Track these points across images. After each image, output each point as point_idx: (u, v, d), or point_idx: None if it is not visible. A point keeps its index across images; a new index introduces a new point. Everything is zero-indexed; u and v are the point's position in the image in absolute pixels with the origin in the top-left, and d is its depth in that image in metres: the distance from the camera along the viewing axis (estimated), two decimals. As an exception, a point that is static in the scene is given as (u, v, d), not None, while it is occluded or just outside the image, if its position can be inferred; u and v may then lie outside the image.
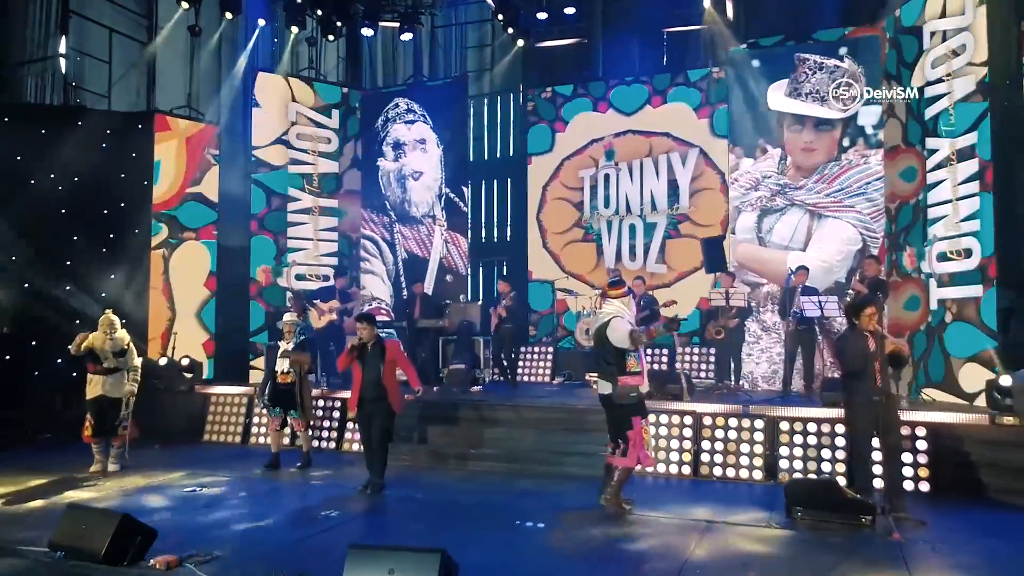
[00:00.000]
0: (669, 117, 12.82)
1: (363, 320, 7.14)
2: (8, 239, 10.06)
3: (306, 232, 13.08)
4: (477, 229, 14.85)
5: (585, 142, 13.39)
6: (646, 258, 13.09)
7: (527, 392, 10.37)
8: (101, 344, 7.75)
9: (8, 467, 7.92)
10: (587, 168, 13.33)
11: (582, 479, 7.30)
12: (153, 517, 5.85)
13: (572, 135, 13.52)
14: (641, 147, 13.03)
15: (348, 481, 7.26)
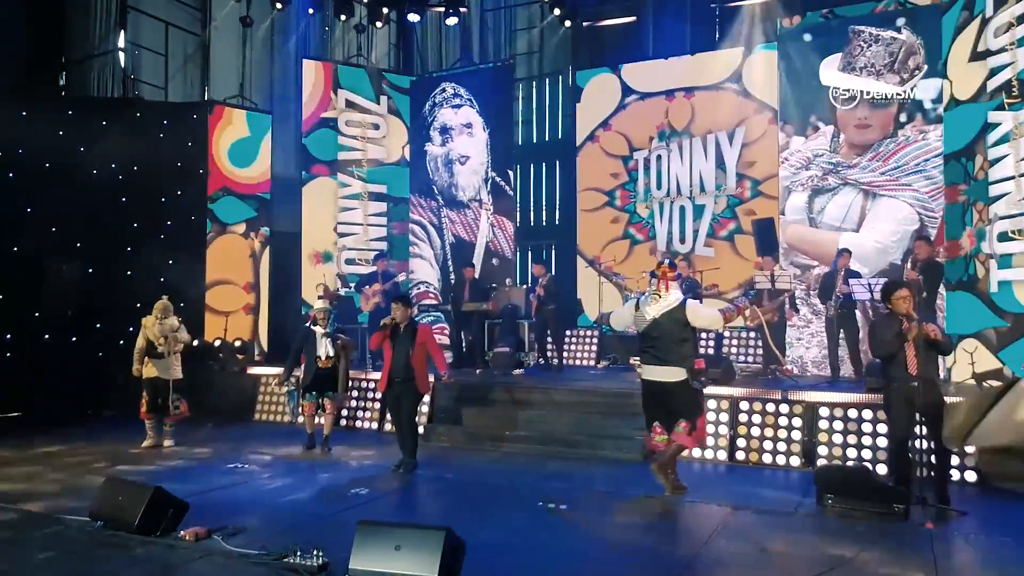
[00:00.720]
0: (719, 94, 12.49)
1: (397, 300, 7.25)
2: (73, 226, 10.59)
3: (355, 217, 13.33)
4: (525, 212, 14.85)
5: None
6: (695, 241, 12.87)
7: (570, 375, 10.36)
8: (152, 330, 8.09)
9: (70, 441, 8.39)
10: (641, 149, 13.13)
11: (613, 463, 7.30)
12: (192, 490, 6.12)
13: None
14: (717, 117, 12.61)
15: (383, 460, 7.41)
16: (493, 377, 9.98)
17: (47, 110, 10.69)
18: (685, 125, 12.79)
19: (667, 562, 4.56)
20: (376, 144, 13.56)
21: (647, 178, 13.07)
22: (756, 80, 12.07)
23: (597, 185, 13.50)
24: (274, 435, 8.82)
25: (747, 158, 12.23)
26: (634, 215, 13.22)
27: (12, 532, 5.05)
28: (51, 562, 4.49)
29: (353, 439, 8.76)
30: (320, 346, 7.92)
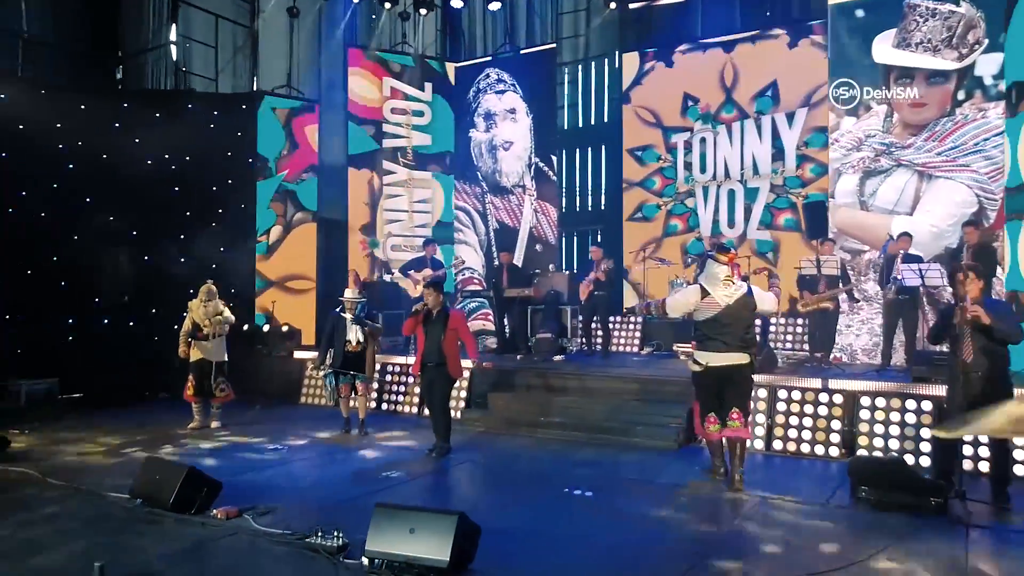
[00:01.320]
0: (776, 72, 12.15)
1: (429, 286, 7.32)
2: (129, 215, 11.00)
3: (401, 204, 13.48)
4: (571, 197, 14.76)
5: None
6: (746, 226, 12.59)
7: (612, 362, 10.28)
8: (198, 312, 8.36)
9: (124, 422, 8.77)
10: (681, 133, 12.91)
11: (645, 450, 7.25)
12: (231, 470, 6.35)
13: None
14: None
15: (418, 444, 7.53)
16: (532, 363, 10.00)
17: (104, 103, 11.08)
18: (735, 105, 12.49)
19: (683, 551, 4.52)
20: (421, 131, 13.66)
21: (688, 161, 12.83)
22: (804, 61, 11.69)
23: (634, 172, 13.31)
24: (316, 418, 9.03)
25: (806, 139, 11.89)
26: (673, 202, 12.99)
27: (59, 507, 5.32)
28: (89, 536, 4.71)
29: (391, 423, 8.92)
30: (349, 331, 8.06)
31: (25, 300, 10.12)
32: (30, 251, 10.22)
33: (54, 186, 10.48)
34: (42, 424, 8.56)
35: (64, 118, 10.57)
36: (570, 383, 8.76)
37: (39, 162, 10.28)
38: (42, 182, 10.36)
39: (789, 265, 11.58)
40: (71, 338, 10.58)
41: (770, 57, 12.15)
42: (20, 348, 10.12)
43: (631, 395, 8.31)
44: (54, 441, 7.72)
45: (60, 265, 10.49)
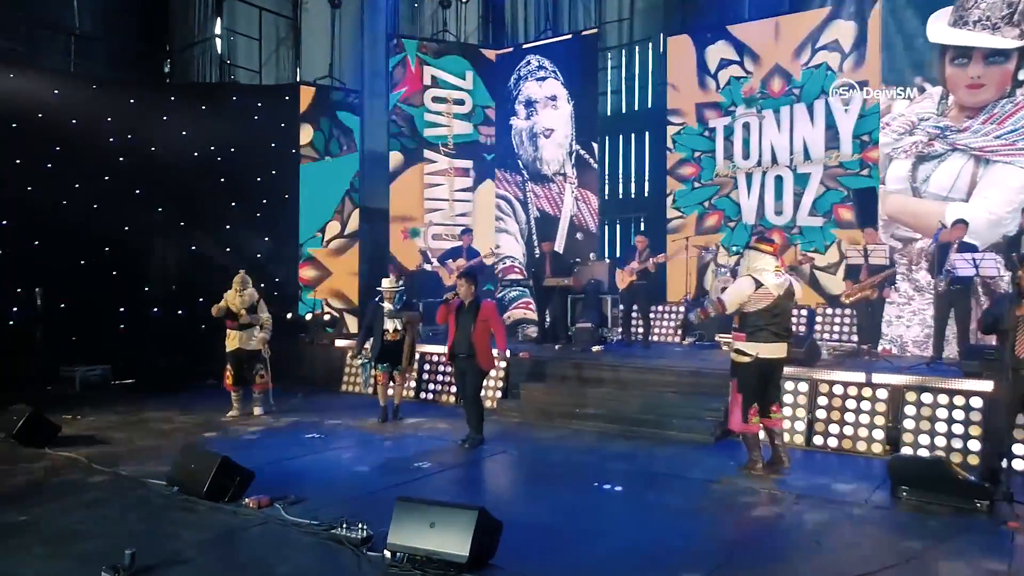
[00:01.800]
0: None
1: (462, 276, 7.33)
2: (176, 206, 11.28)
3: (442, 193, 13.51)
4: (612, 185, 14.60)
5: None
6: (796, 212, 12.26)
7: (651, 353, 10.14)
8: (232, 299, 8.52)
9: (171, 408, 9.01)
10: (721, 118, 12.61)
11: (680, 444, 7.14)
12: (267, 459, 6.47)
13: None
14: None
15: (452, 434, 7.56)
16: (570, 353, 9.93)
17: (152, 97, 11.39)
18: (784, 88, 12.14)
19: (710, 550, 4.43)
20: (462, 120, 13.64)
21: (729, 147, 12.54)
22: (855, 40, 11.26)
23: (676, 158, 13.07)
24: (354, 406, 9.13)
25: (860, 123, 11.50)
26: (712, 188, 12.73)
27: (100, 493, 5.49)
28: (126, 522, 4.85)
29: (428, 411, 8.97)
30: (387, 321, 8.12)
31: (79, 290, 10.49)
32: (83, 242, 10.59)
33: (105, 179, 10.82)
34: (94, 410, 8.85)
35: (114, 112, 10.89)
36: (607, 374, 8.68)
37: (91, 156, 10.63)
38: (94, 175, 10.70)
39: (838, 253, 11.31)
40: (122, 326, 10.93)
41: (819, 36, 11.75)
42: (75, 336, 10.50)
43: (668, 387, 8.19)
44: (103, 427, 7.98)
45: (111, 255, 10.86)
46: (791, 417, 7.22)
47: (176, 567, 4.12)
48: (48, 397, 9.59)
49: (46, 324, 9.54)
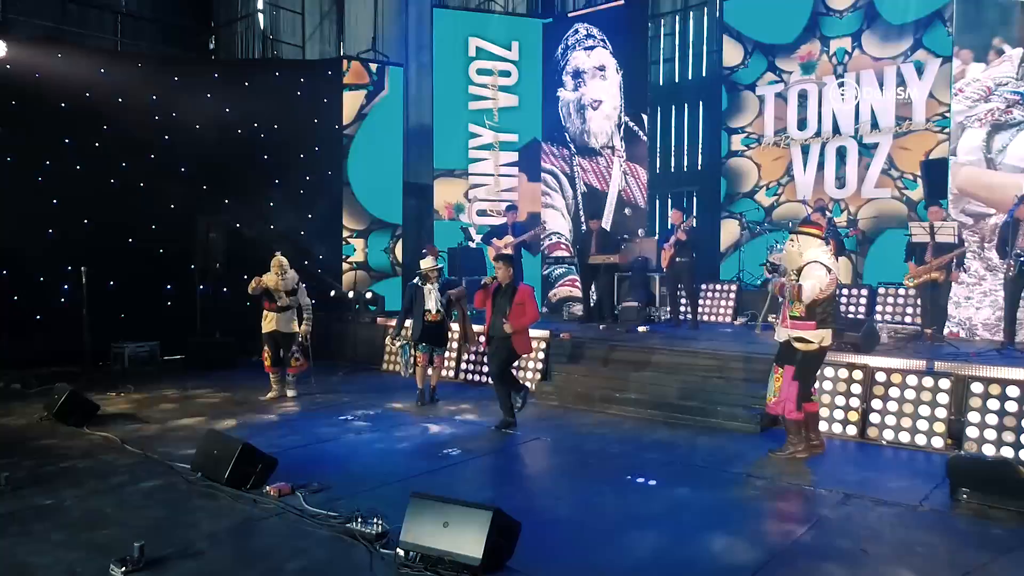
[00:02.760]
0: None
1: (500, 259, 7.14)
2: (220, 184, 11.30)
3: (487, 168, 13.24)
4: (663, 158, 14.09)
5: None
6: (860, 186, 11.64)
7: (700, 334, 9.74)
8: (274, 284, 8.44)
9: (213, 386, 9.10)
10: (772, 84, 11.98)
11: (724, 433, 6.80)
12: (296, 442, 6.42)
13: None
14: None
15: (487, 418, 7.39)
16: (614, 334, 9.62)
17: (196, 74, 11.37)
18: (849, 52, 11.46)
19: (743, 558, 4.12)
20: (507, 92, 13.30)
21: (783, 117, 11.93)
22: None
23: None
24: (392, 387, 9.02)
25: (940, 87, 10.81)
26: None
27: (127, 476, 5.49)
28: (146, 509, 4.82)
29: (465, 393, 8.82)
30: (429, 300, 7.96)
31: (127, 268, 10.63)
32: (131, 220, 10.70)
33: (151, 157, 10.88)
34: (138, 386, 8.97)
35: (159, 90, 10.93)
36: (649, 357, 8.34)
37: (137, 134, 10.69)
38: (140, 154, 10.78)
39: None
40: (169, 303, 11.06)
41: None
42: (124, 313, 10.66)
43: (713, 372, 7.81)
44: (144, 404, 8.07)
45: (158, 233, 10.95)
46: (844, 407, 6.80)
47: (186, 560, 4.03)
48: (98, 373, 9.81)
49: (94, 302, 9.67)
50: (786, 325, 5.80)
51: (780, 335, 5.88)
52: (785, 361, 5.84)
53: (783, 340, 5.85)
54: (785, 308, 5.83)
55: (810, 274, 5.67)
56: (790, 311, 5.78)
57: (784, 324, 5.81)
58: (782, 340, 5.86)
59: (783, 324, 5.82)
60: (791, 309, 5.77)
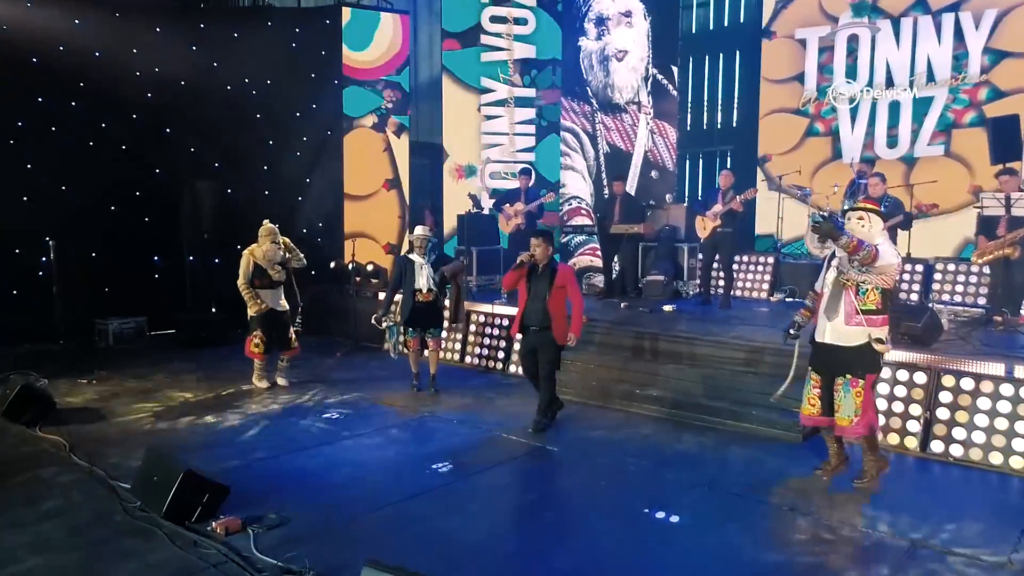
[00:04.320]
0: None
1: (539, 236, 6.17)
2: (210, 145, 10.41)
3: (500, 126, 12.17)
4: (695, 115, 12.87)
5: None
6: (913, 146, 10.45)
7: (735, 315, 8.74)
8: (263, 259, 7.57)
9: (197, 369, 8.39)
10: (816, 26, 10.69)
11: (761, 441, 5.87)
12: (268, 451, 5.63)
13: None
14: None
15: (490, 416, 6.56)
16: (637, 315, 8.65)
17: (180, 25, 10.36)
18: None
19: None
20: (523, 41, 12.13)
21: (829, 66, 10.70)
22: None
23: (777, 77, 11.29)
24: (390, 373, 8.15)
25: (1003, 35, 9.52)
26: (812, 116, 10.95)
27: (61, 501, 4.72)
28: (65, 548, 4.04)
29: (470, 381, 8.01)
30: (419, 278, 7.06)
31: (110, 237, 9.85)
32: (113, 186, 9.88)
33: (133, 116, 10.00)
34: (115, 370, 8.26)
35: (140, 43, 9.97)
36: (674, 347, 7.38)
37: (117, 92, 9.78)
38: (121, 112, 9.90)
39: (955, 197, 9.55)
40: (156, 276, 10.30)
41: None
42: (108, 287, 9.93)
43: (748, 365, 6.84)
44: (113, 394, 7.34)
45: (143, 199, 10.14)
46: (903, 415, 5.81)
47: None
48: (76, 353, 9.11)
49: (74, 276, 8.93)
50: (857, 322, 4.69)
51: (844, 335, 4.75)
52: (864, 369, 4.77)
53: (853, 343, 4.72)
54: (850, 300, 4.73)
55: (886, 251, 4.66)
56: (861, 304, 4.72)
57: (852, 321, 4.71)
58: (851, 343, 4.73)
59: (851, 321, 4.71)
60: (862, 301, 4.72)
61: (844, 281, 4.74)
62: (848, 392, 4.78)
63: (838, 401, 4.82)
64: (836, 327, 4.78)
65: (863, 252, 4.50)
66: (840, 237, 4.52)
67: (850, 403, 4.77)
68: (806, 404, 5.00)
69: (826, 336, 4.84)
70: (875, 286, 4.70)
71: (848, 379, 4.78)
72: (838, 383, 4.82)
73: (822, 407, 4.92)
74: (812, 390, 4.97)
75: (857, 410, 4.77)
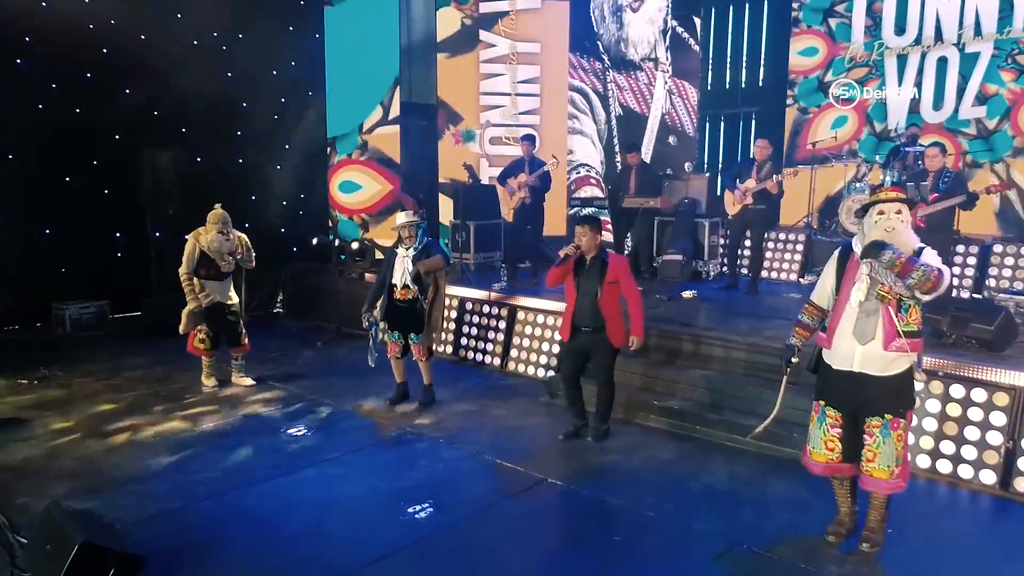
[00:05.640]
0: None
1: (584, 223, 5.26)
2: (175, 108, 9.33)
3: (501, 85, 11.00)
4: (717, 73, 11.63)
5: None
6: (958, 105, 9.36)
7: (763, 304, 7.73)
8: (210, 246, 6.57)
9: (155, 363, 7.51)
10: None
11: (800, 473, 4.85)
12: (206, 489, 4.67)
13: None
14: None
15: (485, 431, 5.62)
16: (654, 304, 7.59)
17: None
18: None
19: None
20: (527, -9, 10.92)
21: (871, 20, 9.51)
22: None
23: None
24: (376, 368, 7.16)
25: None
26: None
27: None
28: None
29: (466, 379, 7.12)
30: (398, 271, 6.04)
31: (66, 212, 8.85)
32: (67, 154, 8.83)
33: (87, 75, 8.90)
34: (66, 366, 7.35)
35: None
36: (697, 347, 6.36)
37: (68, 48, 8.67)
38: (73, 72, 8.82)
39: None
40: (119, 254, 9.31)
41: None
42: (65, 267, 8.96)
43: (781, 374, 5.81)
44: (53, 399, 6.41)
45: (101, 170, 9.10)
46: (978, 443, 4.82)
47: None
48: (27, 344, 8.22)
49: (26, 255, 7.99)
50: (899, 347, 3.63)
51: (880, 363, 3.66)
52: (906, 404, 3.77)
53: (892, 372, 3.67)
54: (890, 319, 3.63)
55: (934, 258, 3.61)
56: (903, 324, 3.66)
57: (893, 346, 3.62)
58: (889, 372, 3.67)
59: (891, 346, 3.62)
60: (904, 321, 3.65)
61: (883, 295, 3.65)
62: (888, 436, 3.73)
63: (872, 447, 3.75)
64: (870, 353, 3.67)
65: (917, 275, 3.45)
66: (882, 254, 3.49)
67: (891, 450, 3.73)
68: (821, 448, 3.92)
69: (854, 364, 3.72)
70: (917, 301, 3.65)
71: (888, 419, 3.72)
72: (872, 424, 3.75)
73: (843, 452, 3.88)
74: (830, 430, 3.89)
75: (899, 458, 3.75)
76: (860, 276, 3.68)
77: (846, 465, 3.89)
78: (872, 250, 3.54)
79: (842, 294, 3.78)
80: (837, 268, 3.87)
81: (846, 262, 3.82)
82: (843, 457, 3.86)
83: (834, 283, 3.86)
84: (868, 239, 3.63)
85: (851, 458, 3.85)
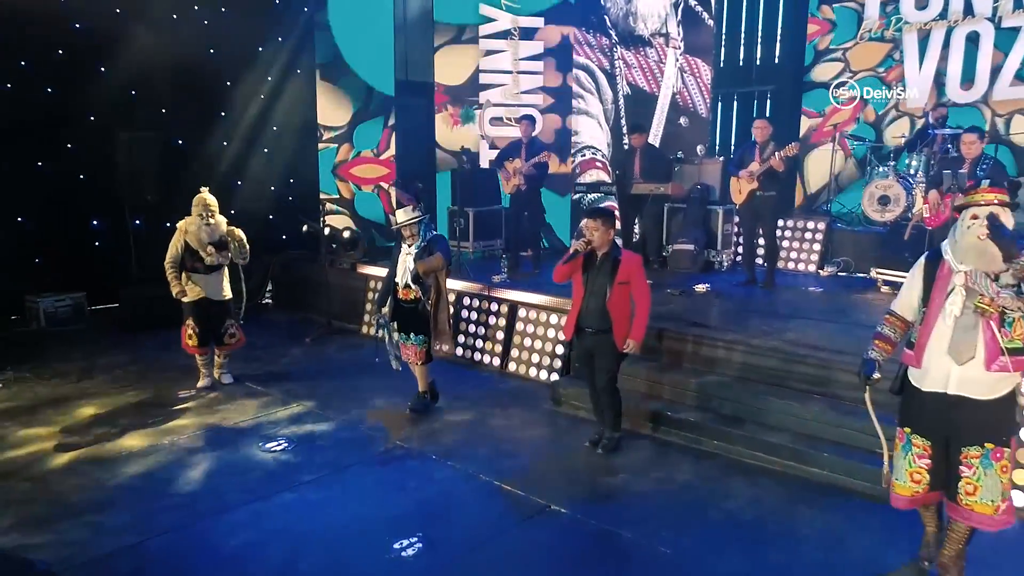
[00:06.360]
0: None
1: (595, 216, 4.86)
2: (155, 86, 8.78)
3: (502, 63, 10.40)
4: (732, 48, 11.00)
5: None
6: (992, 86, 8.90)
7: (781, 300, 7.22)
8: (196, 233, 6.11)
9: (133, 361, 7.13)
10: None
11: (836, 497, 4.40)
12: (169, 521, 4.19)
13: None
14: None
15: (483, 446, 5.15)
16: (666, 300, 7.06)
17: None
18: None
19: None
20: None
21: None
22: None
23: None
24: (364, 368, 6.68)
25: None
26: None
27: None
28: None
29: (462, 385, 6.53)
30: (400, 270, 5.57)
31: (39, 199, 8.33)
32: (38, 137, 8.29)
33: (59, 52, 8.33)
34: (38, 365, 6.93)
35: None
36: (714, 351, 5.84)
37: (38, 23, 8.10)
38: (44, 48, 8.24)
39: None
40: (97, 244, 8.80)
41: None
42: (38, 257, 8.46)
43: (811, 383, 5.31)
44: (17, 407, 5.93)
45: (75, 154, 8.56)
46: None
47: None
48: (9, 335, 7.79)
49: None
50: (1001, 366, 3.13)
51: (981, 385, 3.19)
52: (1011, 432, 3.30)
53: (995, 395, 3.20)
54: (992, 335, 3.14)
55: None
56: (1006, 340, 3.13)
57: (995, 365, 3.13)
58: (991, 396, 3.19)
59: (993, 366, 3.14)
60: (1008, 337, 3.12)
61: (983, 308, 3.15)
62: (990, 467, 3.24)
63: (972, 479, 3.28)
64: (969, 374, 3.18)
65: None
66: (1020, 254, 2.96)
67: (994, 483, 3.24)
68: (906, 480, 3.43)
69: (949, 386, 3.24)
70: (1022, 314, 3.14)
71: (989, 449, 3.24)
72: (971, 455, 3.26)
73: (931, 483, 3.41)
74: (917, 461, 3.40)
75: (1005, 492, 3.27)
76: (954, 287, 3.19)
77: (933, 494, 3.43)
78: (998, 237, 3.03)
79: (932, 306, 3.27)
80: (924, 276, 3.36)
81: (935, 270, 3.31)
82: (930, 488, 3.40)
83: (921, 293, 3.36)
84: (960, 247, 3.18)
85: (938, 486, 3.39)
